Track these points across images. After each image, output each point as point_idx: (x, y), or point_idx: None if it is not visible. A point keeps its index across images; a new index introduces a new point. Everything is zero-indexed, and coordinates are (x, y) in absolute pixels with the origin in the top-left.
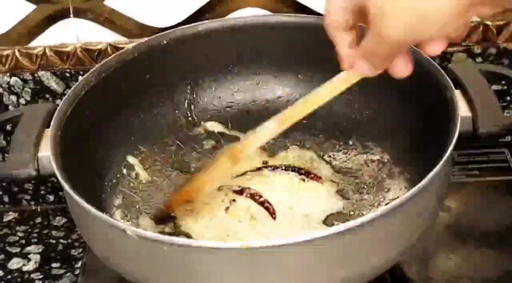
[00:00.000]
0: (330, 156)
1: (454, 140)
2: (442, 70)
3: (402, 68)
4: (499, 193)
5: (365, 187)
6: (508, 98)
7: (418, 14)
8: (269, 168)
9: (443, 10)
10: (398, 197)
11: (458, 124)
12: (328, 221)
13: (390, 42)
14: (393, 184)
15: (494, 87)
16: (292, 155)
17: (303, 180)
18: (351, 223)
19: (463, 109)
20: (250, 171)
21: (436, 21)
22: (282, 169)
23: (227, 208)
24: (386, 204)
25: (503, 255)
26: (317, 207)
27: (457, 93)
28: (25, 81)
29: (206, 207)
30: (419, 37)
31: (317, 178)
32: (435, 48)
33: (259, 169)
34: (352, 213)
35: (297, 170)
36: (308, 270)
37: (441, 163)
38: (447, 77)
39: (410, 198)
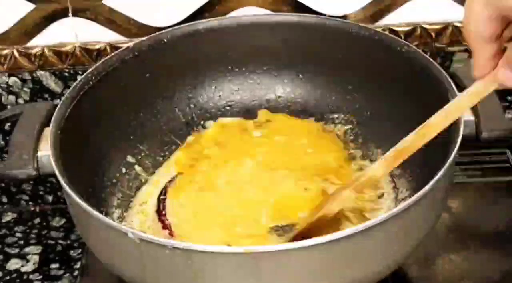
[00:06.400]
0: None
1: (457, 145)
2: (445, 73)
3: None
4: (500, 193)
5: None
6: (510, 98)
7: None
8: None
9: None
10: (399, 199)
11: (462, 128)
12: None
13: None
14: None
15: None
16: None
17: None
18: (354, 228)
19: (466, 112)
20: None
21: None
22: None
23: None
24: (388, 206)
25: (505, 255)
26: None
27: None
28: (23, 81)
29: None
30: None
31: None
32: None
33: None
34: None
35: None
36: (312, 275)
37: (444, 167)
38: (450, 80)
39: (413, 203)
